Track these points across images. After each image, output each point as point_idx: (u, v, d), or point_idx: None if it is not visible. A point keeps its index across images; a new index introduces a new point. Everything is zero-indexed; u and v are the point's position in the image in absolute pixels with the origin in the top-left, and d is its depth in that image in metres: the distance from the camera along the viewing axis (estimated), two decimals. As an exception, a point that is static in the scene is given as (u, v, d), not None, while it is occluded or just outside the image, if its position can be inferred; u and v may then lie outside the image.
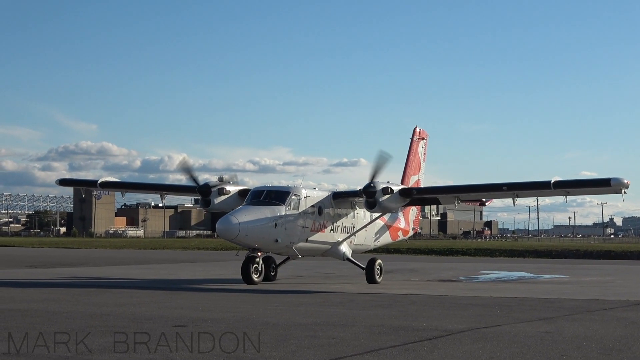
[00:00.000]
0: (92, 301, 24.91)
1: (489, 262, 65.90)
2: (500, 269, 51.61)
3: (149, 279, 37.91)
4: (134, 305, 23.73)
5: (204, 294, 28.62)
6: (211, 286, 32.73)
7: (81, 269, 46.22)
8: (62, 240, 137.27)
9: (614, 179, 32.74)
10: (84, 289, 30.77)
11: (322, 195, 35.99)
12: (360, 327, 18.71)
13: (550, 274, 46.59)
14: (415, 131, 43.75)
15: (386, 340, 16.43)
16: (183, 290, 30.48)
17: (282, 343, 15.89)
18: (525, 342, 16.54)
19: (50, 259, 59.37)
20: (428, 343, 16.22)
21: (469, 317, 21.19)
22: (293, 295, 28.49)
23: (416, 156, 43.56)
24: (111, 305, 23.62)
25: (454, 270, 48.93)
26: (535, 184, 35.06)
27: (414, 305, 24.72)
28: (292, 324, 19.09)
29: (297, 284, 34.84)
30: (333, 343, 15.99)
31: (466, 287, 34.91)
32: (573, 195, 35.25)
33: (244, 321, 19.55)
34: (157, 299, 26.30)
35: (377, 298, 27.66)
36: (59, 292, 28.44)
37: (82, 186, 45.13)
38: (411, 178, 42.75)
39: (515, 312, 23.07)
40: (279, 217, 33.56)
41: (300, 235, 34.65)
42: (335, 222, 36.44)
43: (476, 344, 16.18)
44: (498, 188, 35.52)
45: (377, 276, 36.29)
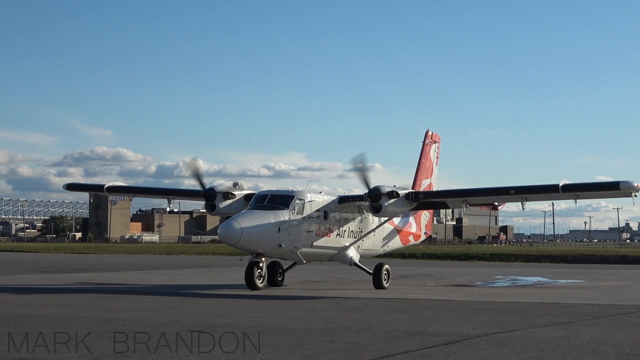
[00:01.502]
0: (108, 306, 24.97)
1: (504, 267, 65.71)
2: (516, 274, 51.44)
3: (165, 284, 37.94)
4: (149, 310, 23.77)
5: (220, 299, 28.64)
6: (227, 292, 32.70)
7: (97, 275, 46.33)
8: (78, 246, 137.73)
9: (623, 182, 32.31)
10: (100, 294, 30.84)
11: (328, 200, 35.58)
12: (376, 332, 18.71)
13: (566, 278, 46.43)
14: (427, 134, 43.38)
15: (402, 346, 16.42)
16: (199, 296, 30.46)
17: (298, 348, 15.90)
18: (542, 347, 16.50)
19: (66, 265, 59.51)
20: (444, 348, 16.20)
21: (485, 322, 21.14)
22: (309, 301, 28.47)
23: (428, 159, 43.21)
24: (127, 310, 23.66)
25: (470, 275, 48.80)
26: (543, 188, 34.56)
27: (429, 310, 24.68)
28: (308, 329, 19.09)
29: (310, 289, 34.77)
30: (349, 348, 15.99)
31: (482, 292, 34.82)
32: (582, 199, 34.63)
33: (259, 326, 19.55)
34: (173, 304, 26.34)
35: (392, 303, 27.61)
36: (74, 298, 28.50)
37: (89, 191, 44.75)
38: (423, 182, 42.39)
39: (531, 317, 23.01)
40: (283, 222, 33.20)
41: (304, 240, 34.27)
42: (341, 227, 36.06)
43: (492, 349, 16.15)
44: (506, 192, 35.08)
45: (384, 281, 35.79)
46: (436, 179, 44.11)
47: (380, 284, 35.61)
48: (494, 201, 39.94)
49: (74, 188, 45.95)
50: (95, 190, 42.74)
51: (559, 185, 33.20)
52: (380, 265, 35.99)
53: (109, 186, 40.80)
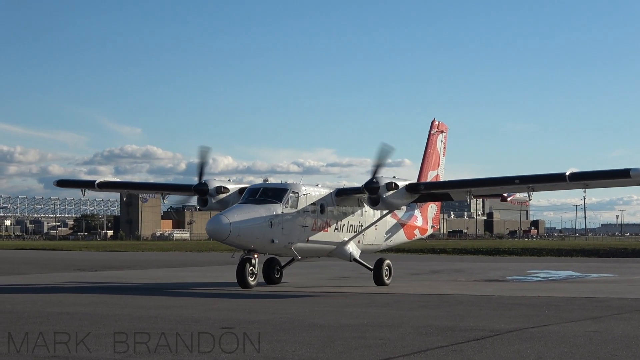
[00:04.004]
0: (140, 304, 25.05)
1: (536, 261, 65.40)
2: (548, 269, 51.21)
3: (196, 281, 37.99)
4: (181, 307, 23.83)
5: (251, 296, 28.68)
6: (257, 288, 32.60)
7: (128, 272, 46.52)
8: (109, 244, 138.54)
9: (634, 170, 30.57)
10: (131, 291, 30.96)
11: (325, 193, 34.08)
12: (407, 327, 18.66)
13: (598, 273, 46.13)
14: (433, 124, 41.75)
15: (433, 341, 16.37)
16: (230, 292, 30.50)
17: (329, 344, 15.88)
18: (574, 341, 16.40)
19: (98, 262, 59.81)
20: (475, 343, 16.13)
21: (517, 317, 21.06)
22: (339, 297, 28.43)
23: (435, 150, 41.61)
24: (158, 307, 23.74)
25: (501, 270, 48.61)
26: (549, 177, 32.87)
27: (461, 306, 24.59)
28: (339, 325, 19.07)
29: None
30: (380, 344, 15.95)
31: (513, 287, 34.64)
32: (592, 187, 33.12)
33: (290, 322, 19.57)
34: (204, 301, 26.41)
35: (423, 298, 27.54)
36: (106, 295, 28.64)
37: (80, 187, 41.75)
38: (429, 173, 40.92)
39: (563, 311, 22.89)
40: (275, 216, 31.75)
41: (299, 235, 32.82)
42: (340, 221, 34.53)
43: (524, 344, 16.07)
44: (511, 181, 33.28)
45: (385, 277, 34.59)
46: (443, 171, 42.60)
47: (381, 281, 34.46)
48: (499, 192, 37.51)
49: (65, 184, 43.36)
50: (87, 186, 40.71)
51: (566, 174, 31.70)
52: (381, 261, 34.78)
53: (100, 182, 39.50)
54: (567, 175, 31.65)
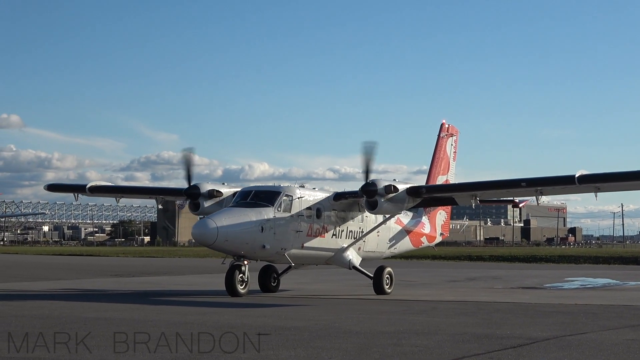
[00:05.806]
0: (176, 310, 25.15)
1: (573, 269, 65.01)
2: (585, 276, 50.88)
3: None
4: (217, 313, 23.90)
5: (287, 303, 28.70)
6: (293, 294, 32.57)
7: (165, 278, 46.70)
8: (146, 250, 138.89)
9: None
10: (168, 297, 31.08)
11: (321, 197, 32.56)
12: (443, 335, 18.62)
13: (636, 280, 45.81)
14: (442, 127, 40.09)
15: (470, 349, 16.33)
16: (266, 299, 30.50)
17: (365, 351, 15.89)
18: (612, 349, 16.30)
19: (135, 268, 60.09)
20: (512, 351, 16.07)
21: (554, 325, 20.95)
22: (375, 303, 28.42)
23: (444, 154, 39.97)
24: (195, 313, 23.82)
25: (538, 278, 48.35)
26: (557, 179, 31.18)
27: (497, 313, 24.50)
28: (375, 332, 19.07)
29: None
30: (416, 351, 15.93)
31: (550, 294, 34.47)
32: (604, 191, 31.17)
33: (325, 329, 19.59)
34: (241, 307, 26.45)
35: (460, 306, 27.45)
36: (143, 301, 28.77)
37: (71, 191, 40.17)
38: (438, 178, 39.26)
39: (601, 319, 22.75)
40: (267, 220, 30.22)
41: (293, 241, 31.31)
42: (338, 226, 32.97)
43: (561, 352, 15.99)
44: (517, 184, 31.38)
45: (386, 286, 32.98)
46: (454, 176, 40.83)
47: (381, 289, 32.88)
48: (505, 195, 35.33)
49: (55, 189, 42.66)
50: (77, 190, 39.23)
51: (575, 176, 29.78)
52: (382, 269, 33.20)
53: (91, 186, 38.03)
54: (577, 177, 29.86)
